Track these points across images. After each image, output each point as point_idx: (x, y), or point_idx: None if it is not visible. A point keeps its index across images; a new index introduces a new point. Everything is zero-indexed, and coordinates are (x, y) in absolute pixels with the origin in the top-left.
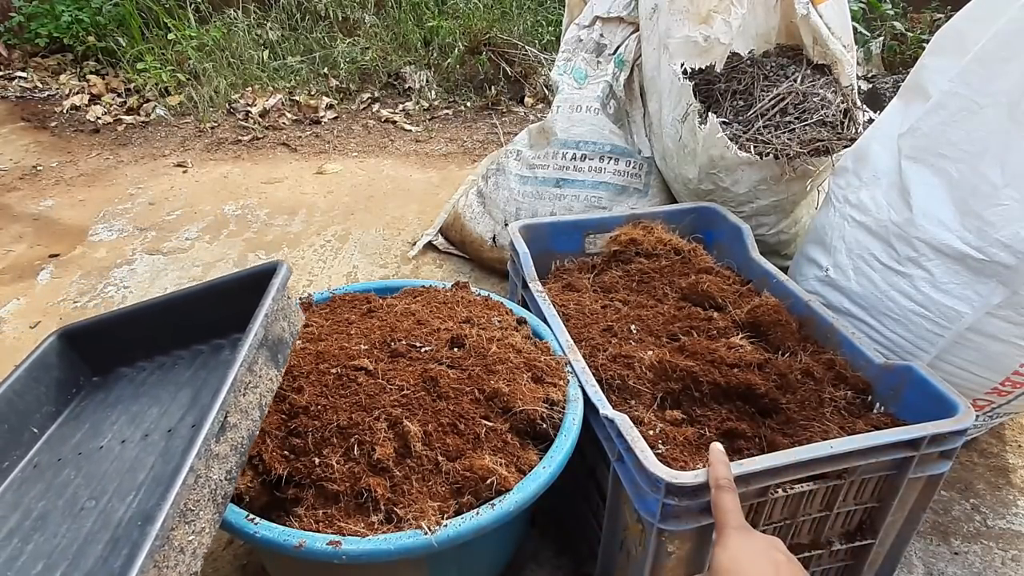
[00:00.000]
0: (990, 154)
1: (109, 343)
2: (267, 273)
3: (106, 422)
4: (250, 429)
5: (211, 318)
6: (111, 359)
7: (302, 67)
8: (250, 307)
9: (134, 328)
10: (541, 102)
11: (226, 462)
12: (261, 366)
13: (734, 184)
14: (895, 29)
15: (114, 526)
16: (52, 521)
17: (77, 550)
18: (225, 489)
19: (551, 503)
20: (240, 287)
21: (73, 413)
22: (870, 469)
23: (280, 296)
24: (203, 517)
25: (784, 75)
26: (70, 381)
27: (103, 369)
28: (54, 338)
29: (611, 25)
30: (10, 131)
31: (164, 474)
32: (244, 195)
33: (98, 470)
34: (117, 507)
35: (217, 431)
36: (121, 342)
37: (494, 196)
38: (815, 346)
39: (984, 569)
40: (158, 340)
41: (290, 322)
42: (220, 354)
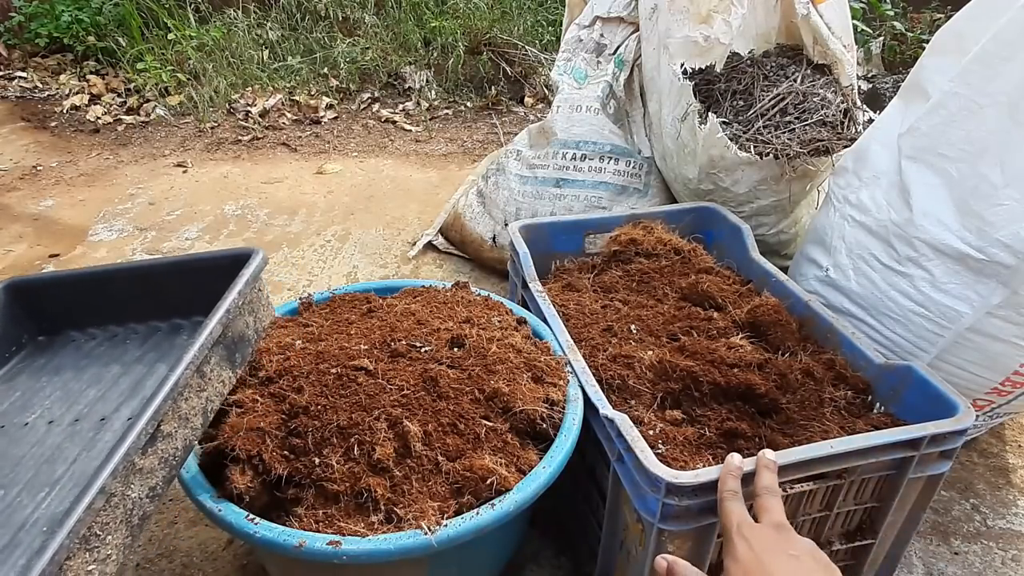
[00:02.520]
0: (990, 154)
1: (61, 302)
2: (241, 260)
3: (39, 394)
4: (188, 439)
5: (176, 295)
6: (61, 320)
7: (302, 67)
8: (218, 291)
9: (91, 291)
10: (541, 102)
11: (151, 477)
12: (213, 367)
13: (734, 184)
14: (895, 29)
15: (16, 526)
16: None
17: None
18: (144, 508)
19: (551, 503)
20: (214, 267)
21: (7, 375)
22: (870, 469)
23: (248, 289)
24: (110, 543)
25: (784, 75)
26: (11, 338)
27: (50, 329)
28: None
29: (611, 25)
30: (10, 131)
31: (84, 475)
32: (244, 195)
33: (16, 452)
34: (25, 503)
35: (144, 443)
36: (75, 304)
37: (494, 196)
38: (815, 346)
39: (984, 569)
40: (115, 308)
41: (256, 317)
42: (176, 337)
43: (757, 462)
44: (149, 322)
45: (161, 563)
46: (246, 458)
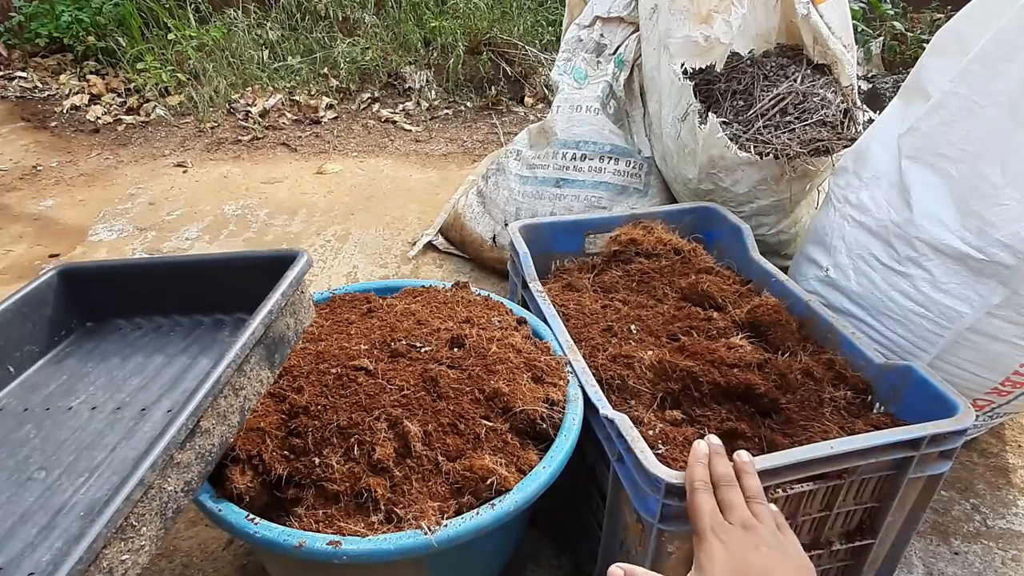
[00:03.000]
0: (990, 154)
1: (111, 291)
2: (286, 261)
3: (84, 379)
4: (224, 436)
5: (220, 291)
6: (109, 308)
7: (302, 67)
8: (262, 290)
9: (140, 282)
10: (541, 102)
11: (187, 472)
12: (253, 366)
13: (734, 184)
14: (895, 29)
15: (55, 510)
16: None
17: (10, 528)
18: (179, 502)
19: (551, 503)
20: (257, 266)
21: (56, 358)
22: (870, 469)
23: (292, 290)
24: (145, 534)
25: (784, 75)
26: (61, 323)
27: (99, 316)
28: (53, 274)
29: (611, 25)
30: (10, 131)
31: (123, 464)
32: (244, 195)
33: (58, 436)
34: (65, 487)
35: (184, 438)
36: (123, 293)
37: (494, 196)
38: (815, 346)
39: (984, 569)
40: (161, 300)
41: (297, 319)
42: (219, 332)
43: (736, 467)
44: (193, 316)
45: (161, 563)
46: (246, 458)
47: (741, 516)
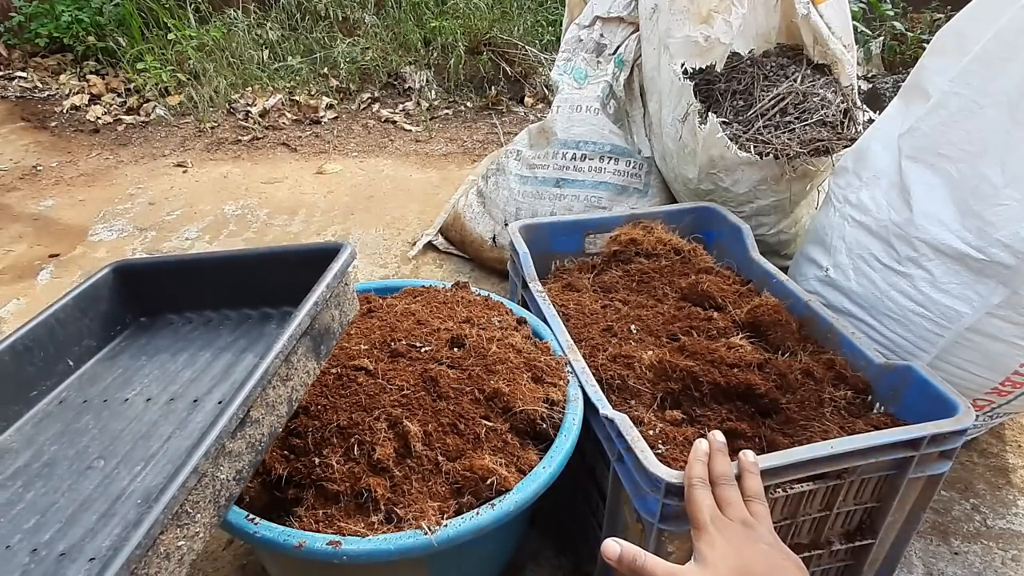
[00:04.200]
0: (990, 154)
1: (162, 287)
2: (330, 253)
3: (139, 372)
4: (273, 425)
5: (267, 285)
6: (161, 303)
7: (302, 67)
8: (307, 283)
9: (190, 277)
10: (541, 102)
11: (239, 460)
12: (300, 357)
13: (734, 184)
14: (895, 29)
15: (113, 497)
16: (58, 472)
17: (71, 514)
18: (231, 490)
19: (551, 503)
20: (302, 261)
21: (111, 352)
22: (870, 469)
23: (336, 282)
24: (199, 520)
25: (784, 75)
26: (116, 317)
27: (151, 311)
28: (108, 271)
29: (611, 25)
30: (10, 131)
31: (177, 452)
32: (244, 195)
33: (116, 426)
34: (123, 475)
35: (235, 427)
36: (174, 289)
37: (494, 196)
38: (815, 346)
39: (984, 569)
40: (210, 295)
41: (342, 311)
42: (266, 325)
43: (739, 466)
44: (241, 309)
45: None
46: None
47: (739, 514)
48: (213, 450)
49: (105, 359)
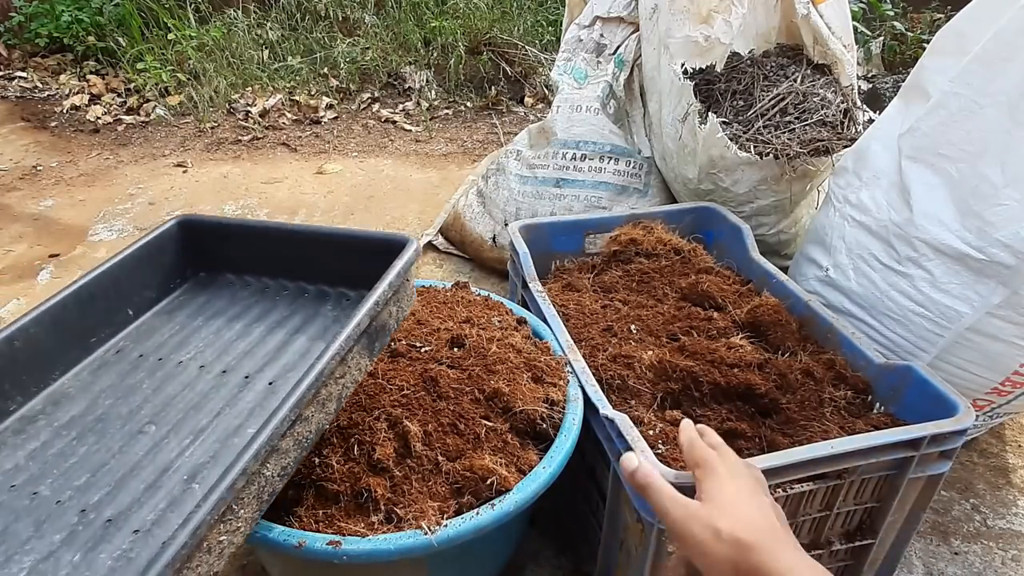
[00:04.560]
0: (990, 154)
1: (225, 247)
2: (395, 247)
3: (195, 334)
4: (321, 423)
5: (327, 263)
6: (222, 262)
7: (302, 67)
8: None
9: (252, 242)
10: (541, 102)
11: (285, 457)
12: (354, 355)
13: (734, 184)
14: (895, 29)
15: (161, 469)
16: (110, 431)
17: (120, 479)
18: (275, 486)
19: (551, 503)
20: (366, 248)
21: (169, 306)
22: (870, 469)
23: (398, 280)
24: (242, 516)
25: (784, 75)
26: (177, 271)
27: (211, 268)
28: (174, 223)
29: (611, 25)
30: (10, 131)
31: (225, 431)
32: (244, 195)
33: (168, 390)
34: (171, 446)
35: (286, 428)
36: (236, 250)
37: (494, 196)
38: (815, 346)
39: (984, 569)
40: (270, 263)
41: (400, 307)
42: (321, 305)
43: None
44: (298, 282)
45: None
46: None
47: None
48: (264, 452)
49: (163, 312)
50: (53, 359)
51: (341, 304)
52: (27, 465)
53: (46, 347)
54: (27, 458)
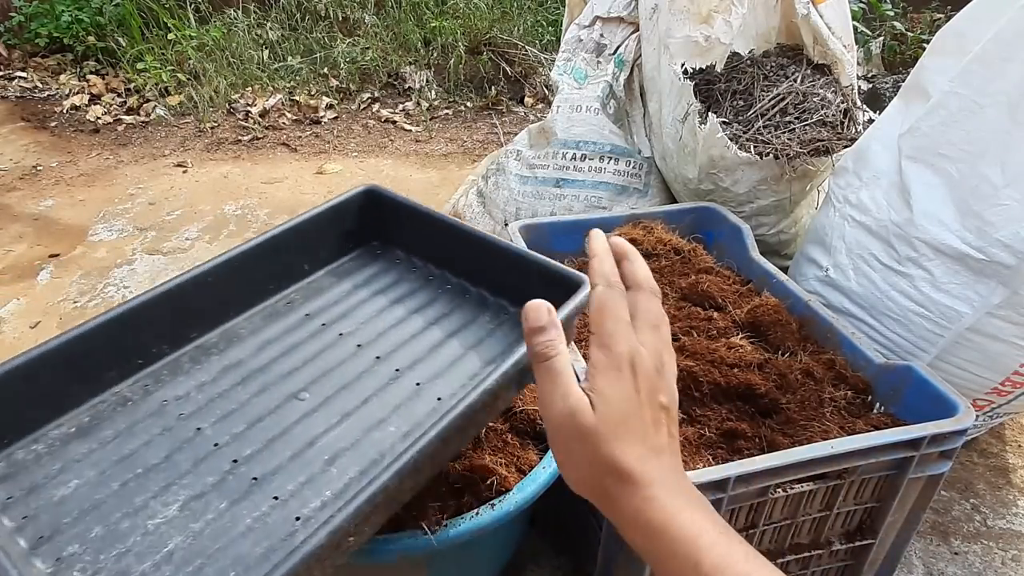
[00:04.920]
0: (990, 154)
1: (403, 225)
2: (570, 284)
3: (359, 308)
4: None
5: (495, 273)
6: (397, 238)
7: (302, 67)
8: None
9: (430, 229)
10: (541, 102)
11: (419, 476)
12: (505, 390)
13: (734, 184)
14: (895, 29)
15: (306, 442)
16: (271, 386)
17: (271, 440)
18: (403, 499)
19: (551, 503)
20: (538, 272)
21: (341, 269)
22: (870, 469)
23: (566, 323)
24: (372, 522)
25: (784, 75)
26: (354, 236)
27: (386, 240)
28: (362, 190)
29: (611, 25)
30: (10, 131)
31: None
32: (244, 195)
33: (326, 360)
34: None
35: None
36: (412, 232)
37: (494, 196)
38: (815, 346)
39: (984, 569)
40: (442, 254)
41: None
42: (480, 312)
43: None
44: (462, 281)
45: None
46: None
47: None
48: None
49: (334, 273)
50: (234, 298)
51: (499, 317)
52: (196, 397)
53: (232, 285)
54: (197, 390)
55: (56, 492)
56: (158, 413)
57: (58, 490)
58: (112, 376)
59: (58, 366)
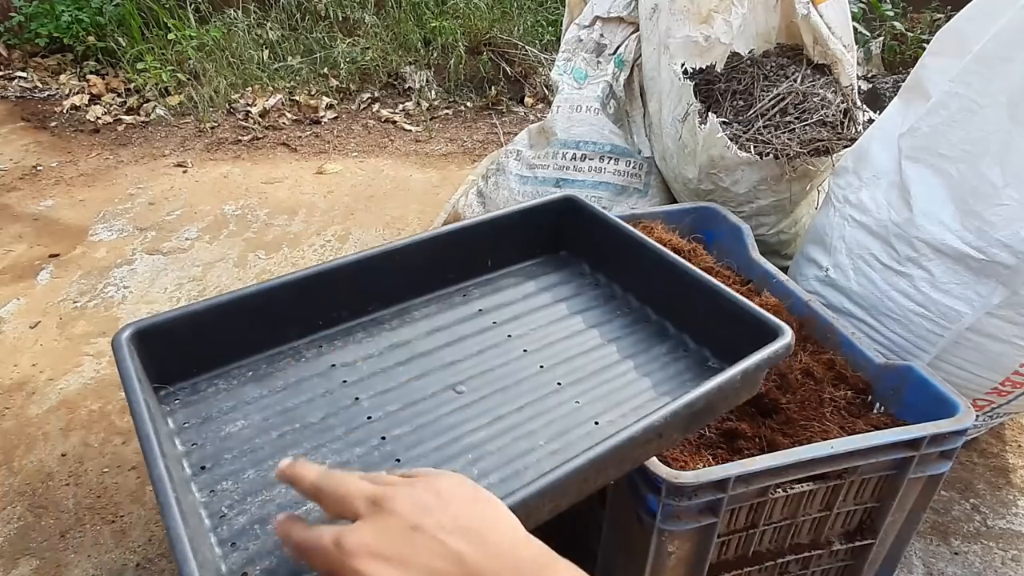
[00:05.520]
0: (990, 154)
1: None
2: (767, 331)
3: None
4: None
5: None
6: (584, 250)
7: (302, 67)
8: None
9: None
10: (541, 102)
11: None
12: (669, 428)
13: (734, 184)
14: (895, 29)
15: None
16: (431, 372)
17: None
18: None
19: None
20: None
21: (523, 272)
22: (870, 469)
23: (756, 372)
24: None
25: (784, 75)
26: (543, 242)
27: (572, 250)
28: (562, 196)
29: (611, 25)
30: (10, 131)
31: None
32: (244, 195)
33: (489, 359)
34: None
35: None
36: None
37: (494, 196)
38: (815, 346)
39: (984, 569)
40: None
41: (739, 396)
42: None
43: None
44: (645, 307)
45: (161, 563)
46: None
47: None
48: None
49: (515, 274)
50: (415, 280)
51: (677, 351)
52: (361, 367)
53: (416, 267)
54: (364, 361)
55: (224, 428)
56: (325, 375)
57: (227, 427)
58: (294, 331)
59: (254, 310)
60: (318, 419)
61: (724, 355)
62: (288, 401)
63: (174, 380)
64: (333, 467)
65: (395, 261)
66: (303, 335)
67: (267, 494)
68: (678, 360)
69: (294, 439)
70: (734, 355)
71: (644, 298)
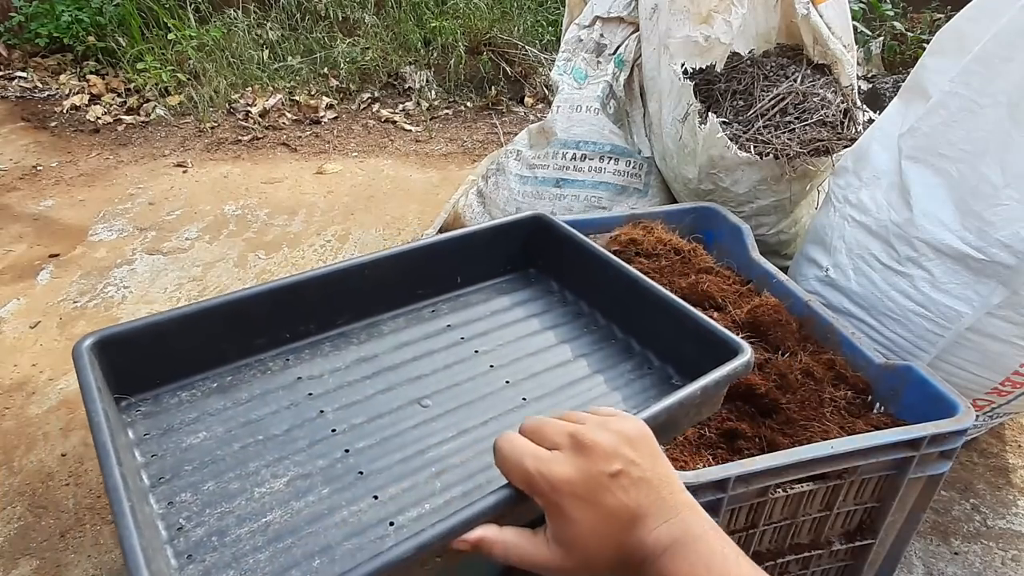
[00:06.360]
0: (990, 154)
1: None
2: (727, 349)
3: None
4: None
5: (647, 323)
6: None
7: (302, 67)
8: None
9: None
10: (541, 102)
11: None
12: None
13: (734, 184)
14: (895, 29)
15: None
16: (396, 386)
17: (385, 439)
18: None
19: None
20: (694, 329)
21: (492, 288)
22: (870, 469)
23: (714, 389)
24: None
25: (784, 75)
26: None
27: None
28: (531, 215)
29: (611, 25)
30: (10, 131)
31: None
32: (244, 195)
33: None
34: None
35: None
36: (571, 264)
37: (494, 196)
38: (815, 346)
39: (984, 569)
40: (597, 293)
41: (700, 413)
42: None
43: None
44: (612, 325)
45: None
46: None
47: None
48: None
49: (484, 290)
50: (384, 294)
51: (642, 368)
52: (327, 380)
53: (385, 282)
54: (330, 374)
55: (186, 439)
56: (290, 388)
57: (188, 438)
58: (261, 343)
59: (220, 322)
60: (282, 431)
61: (687, 372)
62: (252, 413)
63: (136, 391)
64: (295, 479)
65: (365, 275)
66: (270, 347)
67: (226, 506)
68: (643, 377)
69: (256, 451)
70: (696, 372)
71: (610, 316)
